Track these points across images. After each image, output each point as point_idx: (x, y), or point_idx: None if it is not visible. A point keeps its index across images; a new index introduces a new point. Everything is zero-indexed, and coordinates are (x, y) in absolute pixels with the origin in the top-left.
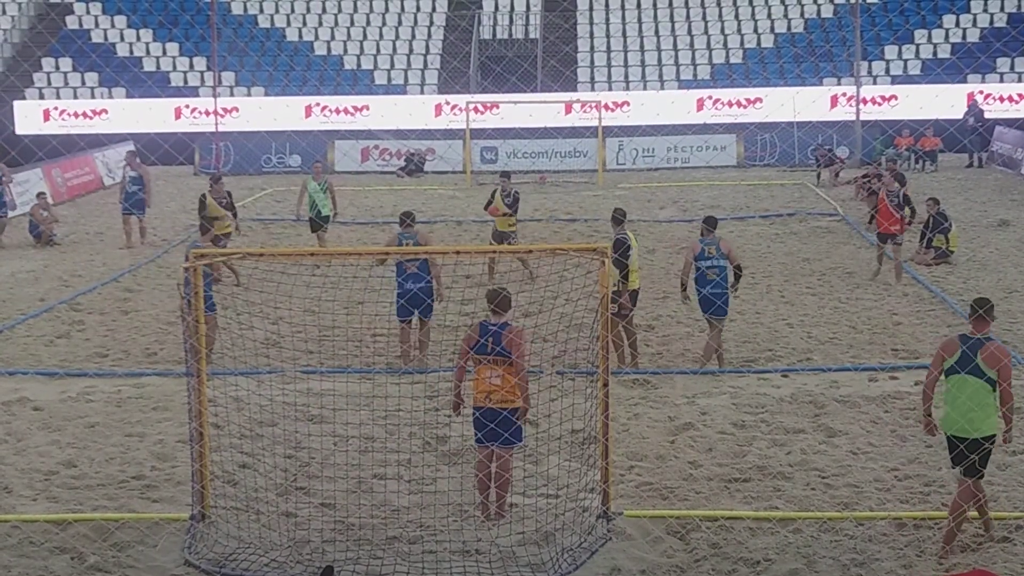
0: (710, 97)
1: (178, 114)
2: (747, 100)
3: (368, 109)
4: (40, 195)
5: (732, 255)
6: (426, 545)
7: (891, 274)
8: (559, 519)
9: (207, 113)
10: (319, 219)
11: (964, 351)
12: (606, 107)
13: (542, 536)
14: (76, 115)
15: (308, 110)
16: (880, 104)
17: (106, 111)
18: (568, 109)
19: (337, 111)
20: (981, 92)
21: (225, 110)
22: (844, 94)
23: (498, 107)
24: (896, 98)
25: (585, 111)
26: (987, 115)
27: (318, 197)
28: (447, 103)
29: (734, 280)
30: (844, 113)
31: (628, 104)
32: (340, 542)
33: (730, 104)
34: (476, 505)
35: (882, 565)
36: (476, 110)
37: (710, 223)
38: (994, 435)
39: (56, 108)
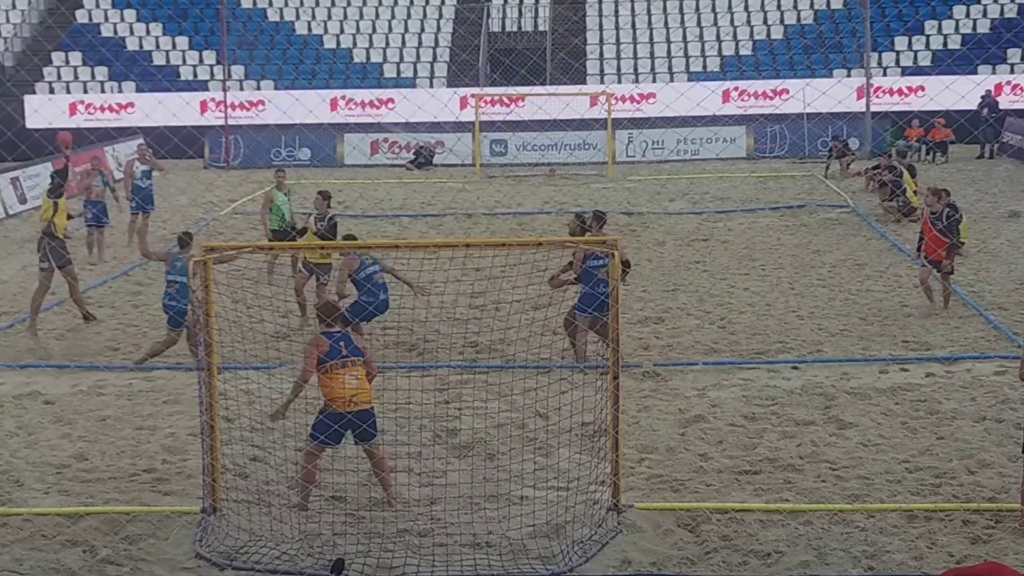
0: (736, 88)
1: (203, 108)
2: (773, 92)
3: (393, 103)
4: None
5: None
6: (437, 538)
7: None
8: (569, 512)
9: (234, 107)
10: (284, 232)
11: None
12: (632, 99)
13: (553, 529)
14: (102, 109)
15: (334, 103)
16: (907, 95)
17: (132, 104)
18: (593, 101)
19: (363, 104)
20: (1008, 82)
21: (251, 103)
22: (873, 86)
23: (522, 100)
24: (924, 89)
25: (611, 103)
26: (999, 106)
27: (285, 209)
28: (472, 96)
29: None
30: (873, 104)
31: (655, 96)
32: (351, 535)
33: (756, 96)
34: (304, 496)
35: (893, 557)
36: (504, 103)
37: (600, 219)
38: None
39: (83, 103)
